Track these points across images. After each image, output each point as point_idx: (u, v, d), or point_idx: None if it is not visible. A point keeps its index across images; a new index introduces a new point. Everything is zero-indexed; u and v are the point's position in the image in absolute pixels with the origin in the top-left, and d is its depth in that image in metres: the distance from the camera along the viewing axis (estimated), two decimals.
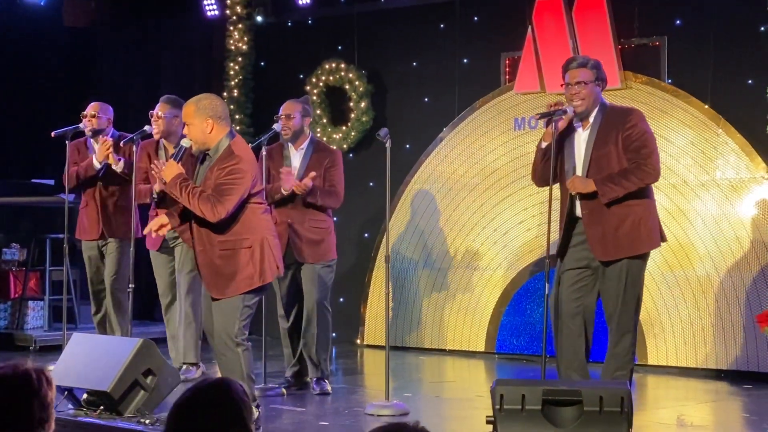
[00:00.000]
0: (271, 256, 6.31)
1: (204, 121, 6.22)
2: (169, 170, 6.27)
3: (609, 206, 6.45)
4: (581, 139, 6.58)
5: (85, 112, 8.78)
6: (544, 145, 6.60)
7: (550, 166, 6.49)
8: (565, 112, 6.56)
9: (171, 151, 8.40)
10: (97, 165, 8.63)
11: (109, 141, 8.58)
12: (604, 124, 6.52)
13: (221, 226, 6.21)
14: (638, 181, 6.42)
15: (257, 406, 6.34)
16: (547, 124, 6.54)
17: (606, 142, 6.48)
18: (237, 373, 6.24)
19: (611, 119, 6.53)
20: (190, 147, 6.38)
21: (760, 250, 8.51)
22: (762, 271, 8.47)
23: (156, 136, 8.32)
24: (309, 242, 7.75)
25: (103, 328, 8.93)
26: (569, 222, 6.64)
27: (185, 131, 6.40)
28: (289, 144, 7.90)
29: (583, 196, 6.52)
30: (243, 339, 6.29)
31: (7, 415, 3.11)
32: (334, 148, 8.91)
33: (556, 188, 6.71)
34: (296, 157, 7.89)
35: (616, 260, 6.49)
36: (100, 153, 8.60)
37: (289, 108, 7.90)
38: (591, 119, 6.58)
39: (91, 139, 8.82)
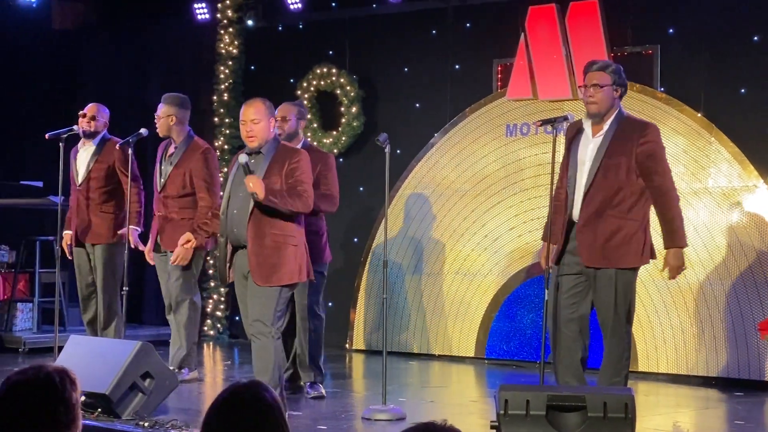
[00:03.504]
0: (308, 258, 6.78)
1: (270, 119, 6.76)
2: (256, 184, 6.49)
3: (605, 216, 6.46)
4: (593, 145, 6.54)
5: (84, 111, 8.74)
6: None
7: None
8: (566, 118, 6.60)
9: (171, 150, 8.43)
10: None
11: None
12: (619, 133, 6.48)
13: (276, 220, 6.56)
14: (673, 200, 6.54)
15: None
16: (551, 127, 6.59)
17: (619, 152, 6.44)
18: (268, 360, 6.54)
19: (626, 130, 6.49)
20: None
21: (751, 257, 8.56)
22: (753, 278, 8.52)
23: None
24: None
25: (93, 329, 8.90)
26: (567, 227, 6.65)
27: (249, 129, 6.66)
28: None
29: (585, 203, 6.52)
30: (277, 329, 6.60)
31: (32, 422, 2.99)
32: (327, 152, 8.90)
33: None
34: None
35: (604, 267, 6.51)
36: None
37: (284, 110, 7.89)
38: (605, 126, 6.54)
39: (79, 147, 8.80)
